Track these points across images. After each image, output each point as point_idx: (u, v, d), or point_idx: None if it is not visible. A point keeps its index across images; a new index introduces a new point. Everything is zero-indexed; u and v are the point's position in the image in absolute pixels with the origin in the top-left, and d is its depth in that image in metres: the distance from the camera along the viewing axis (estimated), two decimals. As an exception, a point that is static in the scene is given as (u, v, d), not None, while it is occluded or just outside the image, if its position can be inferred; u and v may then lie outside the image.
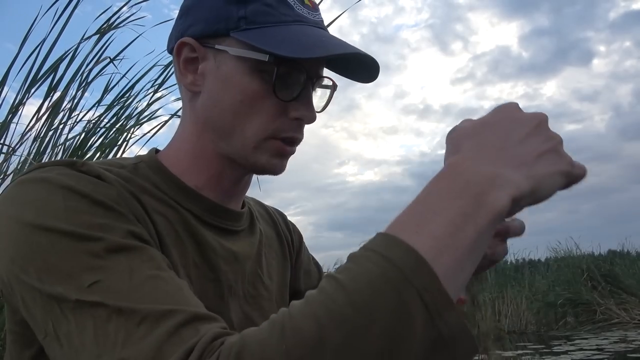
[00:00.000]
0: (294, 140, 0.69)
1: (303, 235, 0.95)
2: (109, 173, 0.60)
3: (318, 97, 0.73)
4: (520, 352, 7.28)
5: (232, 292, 0.70)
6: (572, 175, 0.51)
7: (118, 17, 2.54)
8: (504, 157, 0.48)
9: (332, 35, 0.69)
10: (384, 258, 0.43)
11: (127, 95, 2.61)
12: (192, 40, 0.67)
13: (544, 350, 6.36)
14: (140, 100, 2.64)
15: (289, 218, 0.96)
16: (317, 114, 0.71)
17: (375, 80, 0.72)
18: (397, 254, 0.42)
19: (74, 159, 0.61)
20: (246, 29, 0.64)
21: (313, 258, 0.97)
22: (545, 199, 0.49)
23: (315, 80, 0.70)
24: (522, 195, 0.46)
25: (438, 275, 0.42)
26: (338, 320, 0.41)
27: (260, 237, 0.81)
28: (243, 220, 0.77)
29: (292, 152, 0.71)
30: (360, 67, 0.70)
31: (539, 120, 0.51)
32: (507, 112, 0.52)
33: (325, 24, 0.73)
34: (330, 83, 0.73)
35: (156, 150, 0.74)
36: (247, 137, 0.67)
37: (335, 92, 0.75)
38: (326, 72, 0.72)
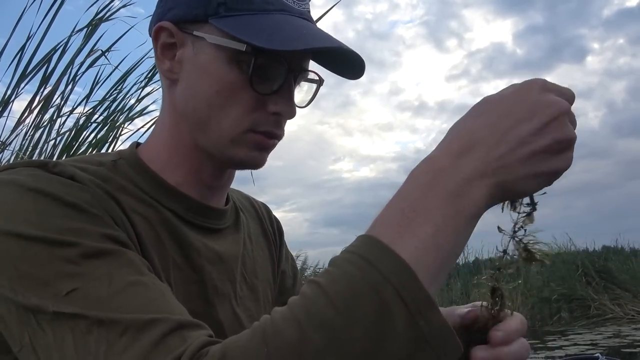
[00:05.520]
0: (273, 134, 0.66)
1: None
2: (83, 173, 0.58)
3: (304, 91, 0.70)
4: (514, 347, 7.27)
5: (218, 293, 0.67)
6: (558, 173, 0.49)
7: (109, 10, 2.51)
8: (495, 151, 0.46)
9: (316, 27, 0.65)
10: (363, 259, 0.42)
11: (119, 88, 2.58)
12: (171, 24, 0.64)
13: (539, 345, 6.38)
14: (132, 94, 2.62)
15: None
16: (303, 108, 0.68)
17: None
18: (376, 255, 0.42)
19: (46, 159, 0.58)
20: (225, 16, 0.61)
21: (291, 257, 0.93)
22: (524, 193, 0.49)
23: (299, 74, 0.66)
24: (503, 192, 0.47)
25: (418, 275, 0.42)
26: (319, 322, 0.40)
27: (245, 235, 0.78)
28: (227, 217, 0.74)
29: (273, 146, 0.68)
30: (346, 63, 0.67)
31: (558, 113, 0.47)
32: (529, 92, 0.48)
33: (317, 18, 0.70)
34: (317, 77, 0.70)
35: (137, 144, 0.71)
36: (223, 130, 0.64)
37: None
38: (313, 65, 0.69)
